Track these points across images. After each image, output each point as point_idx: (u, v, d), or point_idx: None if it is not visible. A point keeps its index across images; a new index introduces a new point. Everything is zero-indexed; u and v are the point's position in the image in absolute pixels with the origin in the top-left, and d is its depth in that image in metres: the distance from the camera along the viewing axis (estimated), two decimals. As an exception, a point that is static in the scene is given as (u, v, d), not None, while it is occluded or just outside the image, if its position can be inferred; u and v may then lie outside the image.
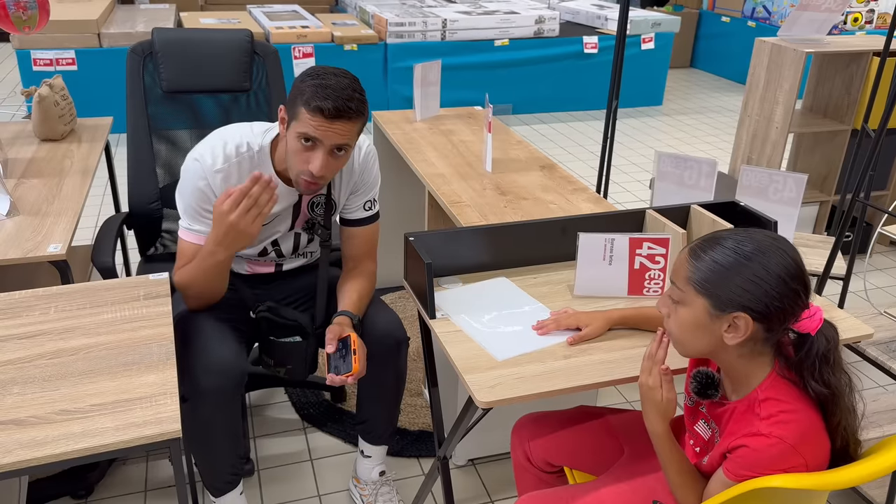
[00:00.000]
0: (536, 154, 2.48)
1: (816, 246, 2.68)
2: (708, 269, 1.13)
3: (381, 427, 1.88)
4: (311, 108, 1.50)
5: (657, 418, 1.25)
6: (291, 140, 1.56)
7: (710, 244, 1.14)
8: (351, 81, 1.54)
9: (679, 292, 1.17)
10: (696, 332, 1.16)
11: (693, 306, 1.15)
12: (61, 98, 2.41)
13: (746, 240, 1.12)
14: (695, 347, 1.19)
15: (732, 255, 1.12)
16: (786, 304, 1.10)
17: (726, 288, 1.11)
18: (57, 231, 1.83)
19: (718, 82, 6.95)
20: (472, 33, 5.35)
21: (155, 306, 1.52)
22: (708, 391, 1.23)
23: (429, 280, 1.53)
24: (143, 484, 2.08)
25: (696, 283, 1.14)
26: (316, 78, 1.52)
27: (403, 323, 1.82)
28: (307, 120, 1.52)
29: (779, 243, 1.12)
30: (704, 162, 2.54)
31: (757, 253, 1.11)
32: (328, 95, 1.50)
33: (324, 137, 1.53)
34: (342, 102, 1.50)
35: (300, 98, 1.52)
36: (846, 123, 3.29)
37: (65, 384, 1.29)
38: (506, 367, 1.39)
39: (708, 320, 1.14)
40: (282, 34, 4.95)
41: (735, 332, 1.12)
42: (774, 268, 1.09)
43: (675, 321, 1.19)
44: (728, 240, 1.13)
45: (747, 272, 1.10)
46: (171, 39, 2.17)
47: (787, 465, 1.09)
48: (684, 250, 1.18)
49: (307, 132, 1.52)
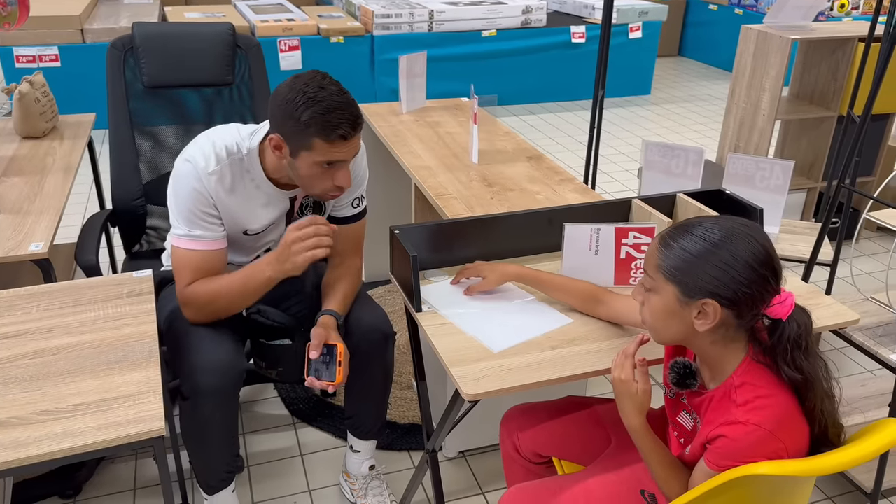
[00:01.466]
0: (523, 145, 2.47)
1: (804, 233, 2.68)
2: (676, 257, 1.13)
3: (370, 422, 1.88)
4: (331, 139, 1.47)
5: (633, 412, 1.25)
6: (307, 167, 1.53)
7: (680, 232, 1.15)
8: (337, 87, 1.50)
9: (650, 280, 1.18)
10: (667, 320, 1.17)
11: (663, 294, 1.16)
12: (42, 95, 2.39)
13: (715, 227, 1.12)
14: (667, 334, 1.20)
15: (700, 242, 1.12)
16: (754, 290, 1.10)
17: (694, 275, 1.12)
18: (39, 229, 1.81)
19: (707, 70, 6.95)
20: (459, 24, 5.33)
21: (138, 304, 1.51)
22: (686, 381, 1.24)
23: (414, 273, 1.53)
24: (132, 482, 2.07)
25: (665, 271, 1.14)
26: (312, 104, 1.46)
27: (392, 317, 1.82)
28: (328, 150, 1.49)
29: (748, 230, 1.12)
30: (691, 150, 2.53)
31: (725, 240, 1.11)
32: (340, 120, 1.47)
33: (347, 156, 1.53)
34: (353, 119, 1.49)
35: (307, 131, 1.47)
36: (832, 110, 3.30)
37: (46, 384, 1.28)
38: (492, 360, 1.38)
39: (678, 307, 1.14)
40: (267, 27, 4.92)
41: (705, 318, 1.13)
42: (742, 254, 1.10)
43: (647, 309, 1.20)
44: (697, 227, 1.14)
45: (715, 259, 1.10)
46: (152, 33, 2.14)
47: (767, 451, 1.09)
48: (656, 238, 1.18)
49: (331, 159, 1.51)
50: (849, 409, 2.23)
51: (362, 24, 5.22)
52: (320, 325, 1.64)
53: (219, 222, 1.62)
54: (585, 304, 1.51)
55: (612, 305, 1.47)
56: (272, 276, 1.57)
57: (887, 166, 3.56)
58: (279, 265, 1.55)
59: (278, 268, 1.55)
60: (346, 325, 1.73)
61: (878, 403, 2.28)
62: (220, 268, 1.64)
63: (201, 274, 1.61)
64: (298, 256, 1.52)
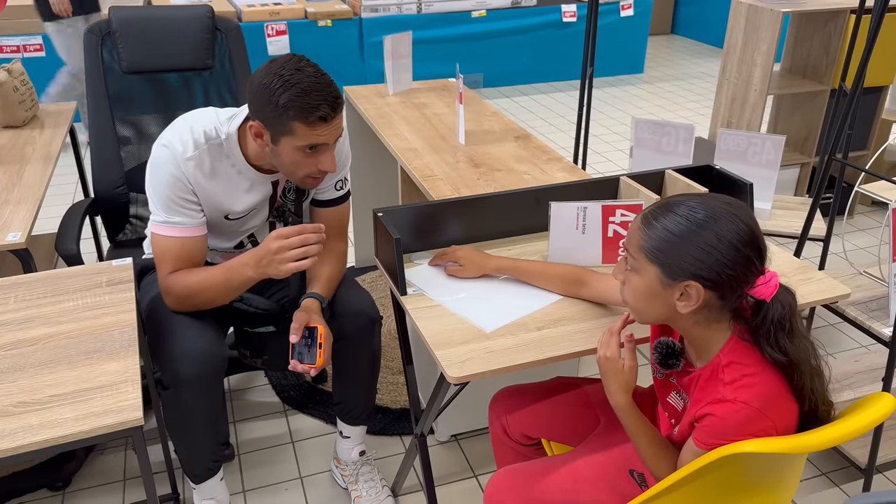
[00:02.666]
0: (511, 125, 2.44)
1: (796, 208, 2.66)
2: (659, 238, 1.10)
3: (359, 407, 1.86)
4: (311, 121, 1.44)
5: (618, 390, 1.23)
6: (289, 153, 1.50)
7: (663, 211, 1.12)
8: (315, 69, 1.47)
9: (632, 260, 1.15)
10: (649, 300, 1.14)
11: (645, 274, 1.13)
12: (21, 83, 2.35)
13: (699, 206, 1.09)
14: (650, 315, 1.18)
15: (684, 222, 1.09)
16: (738, 271, 1.07)
17: (677, 256, 1.09)
18: (17, 219, 1.78)
19: (699, 48, 6.90)
20: (449, 5, 5.26)
21: (118, 293, 1.48)
22: (669, 361, 1.22)
23: (398, 256, 1.50)
24: (122, 473, 2.05)
25: (647, 252, 1.12)
26: (289, 87, 1.42)
27: (381, 302, 1.80)
28: (308, 133, 1.46)
29: (733, 209, 1.09)
30: (682, 127, 2.50)
31: (709, 220, 1.08)
32: (319, 101, 1.43)
33: (329, 139, 1.50)
34: (332, 100, 1.45)
35: (286, 114, 1.44)
36: (825, 84, 3.26)
37: (23, 375, 1.25)
38: (477, 342, 1.36)
39: (660, 288, 1.12)
40: (254, 12, 4.85)
41: (687, 300, 1.10)
42: (726, 234, 1.07)
43: (628, 289, 1.17)
44: (680, 206, 1.10)
45: (699, 240, 1.07)
46: (129, 18, 2.10)
47: (755, 429, 1.07)
48: (638, 217, 1.15)
49: (313, 142, 1.48)
50: (841, 385, 2.21)
51: (350, 6, 5.15)
52: (303, 308, 1.61)
53: (198, 208, 1.59)
54: (568, 288, 1.49)
55: (595, 286, 1.45)
56: (253, 277, 1.54)
57: (881, 139, 3.53)
58: (261, 268, 1.51)
59: (260, 270, 1.51)
60: (332, 309, 1.71)
61: (872, 378, 2.27)
62: (201, 254, 1.61)
63: (182, 261, 1.58)
64: (283, 266, 1.47)
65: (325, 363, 1.56)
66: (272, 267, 1.49)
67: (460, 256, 1.56)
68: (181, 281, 1.58)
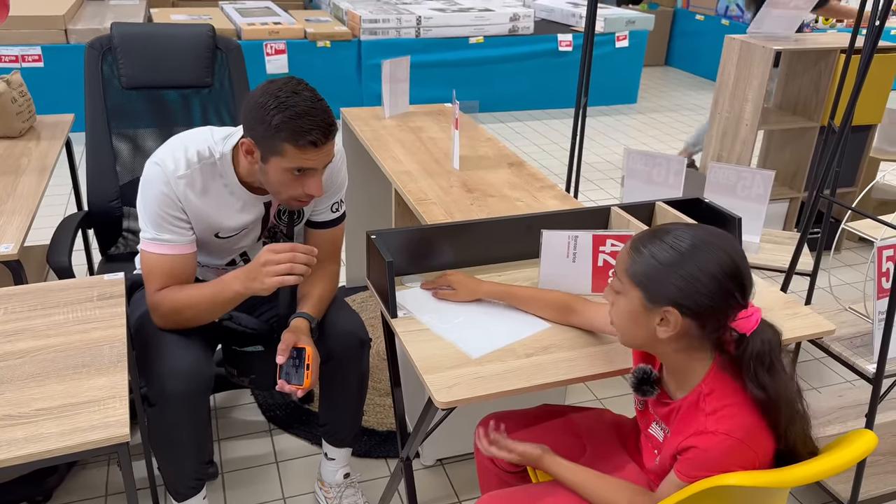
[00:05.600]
0: (505, 151, 2.46)
1: (785, 242, 2.69)
2: (644, 263, 1.13)
3: (345, 429, 1.86)
4: (301, 144, 1.45)
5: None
6: (277, 173, 1.50)
7: (652, 238, 1.15)
8: (312, 93, 1.48)
9: (619, 283, 1.18)
10: (631, 323, 1.18)
11: (629, 297, 1.16)
12: (19, 94, 2.36)
13: (686, 236, 1.12)
14: (631, 338, 1.21)
15: (669, 250, 1.11)
16: (717, 302, 1.09)
17: (659, 283, 1.11)
18: (9, 230, 1.78)
19: (693, 80, 6.99)
20: (447, 30, 5.33)
21: (108, 307, 1.48)
22: (644, 386, 1.24)
23: (390, 279, 1.51)
24: (104, 488, 2.03)
25: (632, 275, 1.15)
26: (283, 109, 1.43)
27: (371, 323, 1.80)
28: (298, 156, 1.47)
29: (719, 241, 1.11)
30: (673, 159, 2.54)
31: (693, 250, 1.10)
32: (311, 126, 1.44)
33: (318, 164, 1.51)
34: (325, 126, 1.46)
35: (277, 135, 1.45)
36: (815, 120, 3.32)
37: (10, 388, 1.25)
38: (466, 367, 1.37)
39: (642, 312, 1.14)
40: (254, 30, 4.90)
41: (666, 326, 1.13)
42: (708, 265, 1.09)
43: (615, 310, 1.21)
44: (668, 235, 1.13)
45: (681, 269, 1.10)
46: (131, 34, 2.12)
47: (738, 460, 1.08)
48: (628, 242, 1.18)
49: (301, 166, 1.48)
50: (827, 420, 2.23)
51: (349, 28, 5.21)
52: (291, 328, 1.61)
53: (187, 226, 1.59)
54: (559, 315, 1.50)
55: (586, 314, 1.47)
56: (240, 292, 1.54)
57: (869, 177, 3.58)
58: (248, 282, 1.52)
59: (248, 284, 1.52)
60: (322, 329, 1.71)
61: (856, 414, 2.28)
62: (190, 272, 1.62)
63: (170, 278, 1.58)
64: (268, 279, 1.48)
65: (313, 385, 1.56)
66: (258, 281, 1.49)
67: (453, 281, 1.57)
68: (169, 297, 1.58)
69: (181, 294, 1.58)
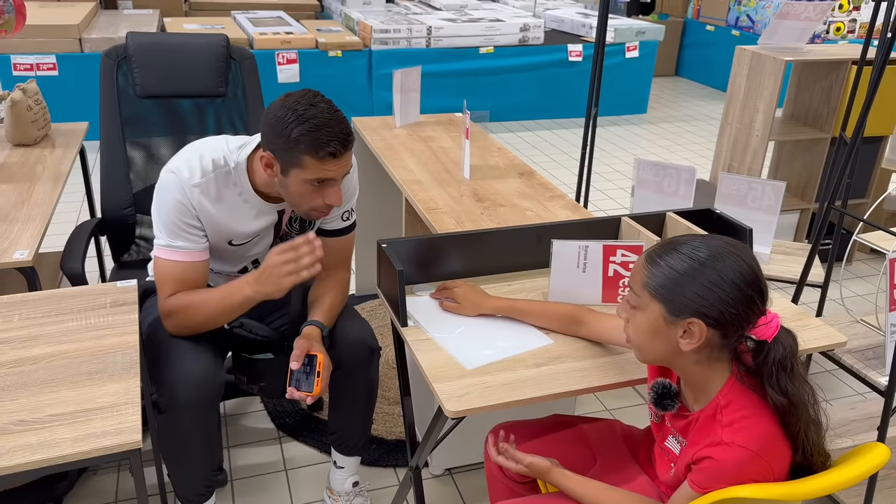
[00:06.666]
0: (515, 161, 2.47)
1: (795, 253, 2.68)
2: (663, 275, 1.12)
3: (354, 438, 1.86)
4: (321, 156, 1.47)
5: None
6: (297, 185, 1.53)
7: (667, 249, 1.14)
8: (329, 105, 1.50)
9: (636, 297, 1.17)
10: (652, 338, 1.16)
11: (649, 312, 1.15)
12: (35, 103, 2.38)
13: (702, 245, 1.12)
14: (652, 353, 1.19)
15: (687, 260, 1.11)
16: (740, 309, 1.09)
17: (681, 294, 1.11)
18: (24, 237, 1.80)
19: (703, 90, 6.99)
20: (457, 40, 5.35)
21: (121, 314, 1.50)
22: (664, 401, 1.23)
23: (400, 287, 1.52)
24: (114, 495, 2.04)
25: (651, 289, 1.14)
26: (302, 122, 1.45)
27: (380, 332, 1.81)
28: (318, 167, 1.49)
29: (735, 249, 1.11)
30: (683, 169, 2.54)
31: (711, 259, 1.10)
32: (330, 137, 1.46)
33: (337, 174, 1.53)
34: (343, 137, 1.49)
35: (297, 148, 1.47)
36: (826, 131, 3.31)
37: (24, 394, 1.26)
38: (476, 376, 1.37)
39: (664, 326, 1.13)
40: (266, 40, 4.93)
41: (690, 338, 1.12)
42: (729, 273, 1.09)
43: (632, 326, 1.19)
44: (685, 245, 1.13)
45: (702, 278, 1.09)
46: (146, 44, 2.14)
47: (753, 473, 1.08)
48: (642, 255, 1.17)
49: (321, 176, 1.50)
50: (838, 433, 2.21)
51: (361, 38, 5.24)
52: (304, 335, 1.62)
53: (201, 234, 1.61)
54: (567, 327, 1.50)
55: (594, 326, 1.46)
56: (251, 296, 1.55)
57: (880, 188, 3.57)
58: (259, 286, 1.53)
59: (258, 288, 1.53)
60: (332, 338, 1.72)
61: (868, 427, 2.27)
62: (202, 279, 1.63)
63: (183, 285, 1.59)
64: (281, 279, 1.50)
65: (322, 392, 1.57)
66: (270, 284, 1.51)
67: (458, 294, 1.57)
68: (180, 301, 1.59)
69: (192, 298, 1.59)
